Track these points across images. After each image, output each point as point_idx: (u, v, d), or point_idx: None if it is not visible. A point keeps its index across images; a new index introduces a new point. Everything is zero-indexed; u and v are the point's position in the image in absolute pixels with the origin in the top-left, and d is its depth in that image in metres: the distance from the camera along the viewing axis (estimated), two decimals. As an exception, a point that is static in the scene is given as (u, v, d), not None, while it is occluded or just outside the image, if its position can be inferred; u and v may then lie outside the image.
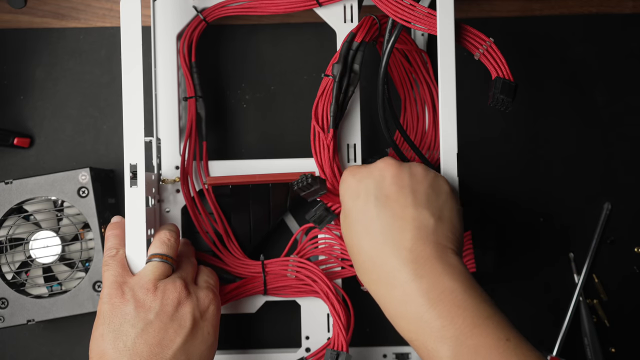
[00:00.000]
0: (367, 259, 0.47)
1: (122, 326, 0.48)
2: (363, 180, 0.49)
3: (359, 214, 0.48)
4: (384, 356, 0.64)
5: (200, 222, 0.60)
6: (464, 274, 0.45)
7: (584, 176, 0.66)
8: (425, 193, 0.48)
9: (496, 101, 0.52)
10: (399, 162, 0.50)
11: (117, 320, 0.48)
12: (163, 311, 0.49)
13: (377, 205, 0.47)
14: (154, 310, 0.48)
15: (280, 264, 0.59)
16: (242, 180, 0.60)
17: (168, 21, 0.61)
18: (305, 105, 0.65)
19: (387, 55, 0.53)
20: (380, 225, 0.47)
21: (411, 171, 0.49)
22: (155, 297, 0.49)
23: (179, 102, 0.61)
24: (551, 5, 0.67)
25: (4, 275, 0.61)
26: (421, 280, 0.44)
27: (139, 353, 0.47)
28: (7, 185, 0.60)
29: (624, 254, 0.66)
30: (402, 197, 0.47)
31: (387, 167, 0.49)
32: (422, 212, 0.47)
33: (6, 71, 0.66)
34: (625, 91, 0.67)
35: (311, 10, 0.61)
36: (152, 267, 0.51)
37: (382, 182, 0.48)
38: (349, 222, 0.49)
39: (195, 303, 0.50)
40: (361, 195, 0.48)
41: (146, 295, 0.49)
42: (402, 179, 0.48)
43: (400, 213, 0.47)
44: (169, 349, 0.48)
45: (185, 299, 0.50)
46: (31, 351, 0.65)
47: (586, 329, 0.65)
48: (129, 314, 0.48)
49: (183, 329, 0.49)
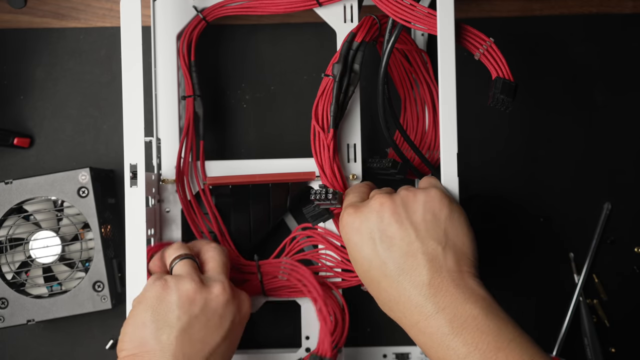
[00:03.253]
0: (390, 297, 0.47)
1: (167, 316, 0.47)
2: (364, 224, 0.48)
3: (370, 259, 0.47)
4: (384, 356, 0.64)
5: (195, 222, 0.60)
6: (485, 297, 0.45)
7: (584, 176, 0.66)
8: (424, 222, 0.47)
9: (496, 101, 0.51)
10: (391, 195, 0.49)
11: (162, 309, 0.48)
12: (209, 307, 0.48)
13: (384, 248, 0.47)
14: (199, 305, 0.48)
15: (274, 265, 0.59)
16: (242, 180, 0.60)
17: (168, 21, 0.61)
18: (305, 105, 0.65)
19: (387, 55, 0.53)
20: (394, 267, 0.46)
21: (404, 201, 0.48)
22: (201, 292, 0.49)
23: (179, 102, 0.61)
24: (551, 5, 0.67)
25: (4, 275, 0.61)
26: (444, 312, 0.44)
27: (181, 349, 0.47)
28: (7, 185, 0.60)
29: (624, 254, 0.66)
30: (404, 234, 0.46)
31: (382, 207, 0.48)
32: (428, 243, 0.46)
33: (6, 71, 0.66)
34: (625, 91, 0.67)
35: (311, 10, 0.61)
36: (181, 265, 0.51)
37: (382, 223, 0.47)
38: (362, 265, 0.48)
39: (239, 305, 0.51)
40: (365, 239, 0.48)
41: (191, 288, 0.48)
42: (399, 214, 0.47)
43: (408, 250, 0.46)
44: (209, 345, 0.48)
45: (231, 298, 0.50)
46: (31, 351, 0.65)
47: (586, 329, 0.65)
48: (174, 304, 0.48)
49: (223, 329, 0.49)
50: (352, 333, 0.65)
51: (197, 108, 0.61)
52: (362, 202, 0.50)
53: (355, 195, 0.52)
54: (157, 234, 0.60)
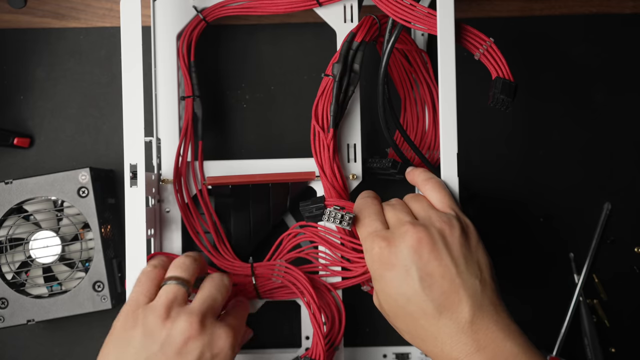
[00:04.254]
0: (427, 335, 0.46)
1: (126, 351, 0.46)
2: (400, 260, 0.45)
3: (408, 297, 0.45)
4: (384, 356, 0.64)
5: (192, 223, 0.60)
6: (521, 333, 0.45)
7: (584, 176, 0.67)
8: (463, 256, 0.46)
9: (496, 101, 0.51)
10: (426, 228, 0.46)
11: (123, 342, 0.46)
12: (169, 343, 0.46)
13: (424, 286, 0.45)
14: (159, 341, 0.46)
15: (268, 267, 0.58)
16: (242, 180, 0.60)
17: (168, 21, 0.61)
18: (305, 105, 0.65)
19: (387, 55, 0.53)
20: (435, 304, 0.45)
21: (441, 235, 0.46)
22: (164, 326, 0.46)
23: (179, 102, 0.61)
24: (551, 5, 0.67)
25: (4, 275, 0.61)
26: (485, 350, 0.44)
27: None
28: (7, 185, 0.60)
29: (624, 254, 0.66)
30: (445, 270, 0.45)
31: (420, 243, 0.45)
32: (468, 278, 0.45)
33: (6, 71, 0.66)
34: (625, 91, 0.67)
35: (311, 10, 0.61)
36: (165, 291, 0.48)
37: (420, 261, 0.45)
38: (396, 300, 0.46)
39: (207, 342, 0.47)
40: (402, 275, 0.45)
41: (156, 323, 0.46)
42: (438, 251, 0.45)
43: (450, 287, 0.45)
44: None
45: (196, 334, 0.46)
46: (31, 351, 0.65)
47: (586, 329, 0.65)
48: (136, 340, 0.46)
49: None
50: (352, 333, 0.65)
51: (196, 108, 0.61)
52: (390, 233, 0.47)
53: (372, 219, 0.49)
54: (157, 234, 0.60)
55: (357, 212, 0.51)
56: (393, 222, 0.48)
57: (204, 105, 0.61)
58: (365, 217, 0.50)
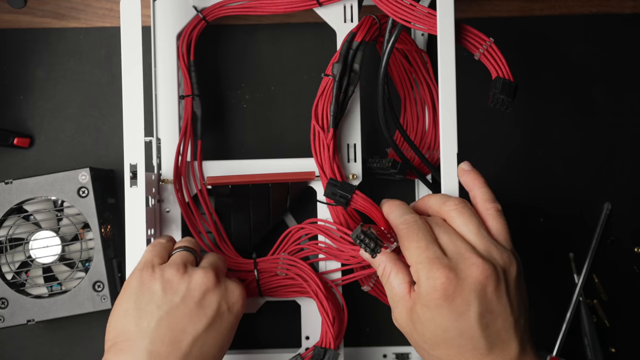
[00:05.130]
0: None
1: (148, 305, 0.47)
2: (461, 293, 0.44)
3: (460, 330, 0.44)
4: (384, 356, 0.64)
5: (193, 223, 0.60)
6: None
7: (584, 176, 0.67)
8: (517, 295, 0.46)
9: (496, 101, 0.51)
10: (493, 266, 0.45)
11: (144, 297, 0.48)
12: (190, 295, 0.48)
13: (481, 323, 0.44)
14: (180, 293, 0.48)
15: (272, 261, 0.59)
16: (242, 180, 0.60)
17: (168, 21, 0.61)
18: (305, 105, 0.65)
19: (387, 55, 0.53)
20: (487, 341, 0.44)
21: (505, 272, 0.45)
22: (182, 279, 0.48)
23: (179, 102, 0.61)
24: (551, 5, 0.67)
25: (4, 275, 0.61)
26: None
27: (160, 336, 0.46)
28: (7, 185, 0.60)
29: (624, 254, 0.66)
30: (502, 309, 0.45)
31: (487, 280, 0.44)
32: (518, 317, 0.45)
33: (6, 71, 0.66)
34: (625, 91, 0.67)
35: (311, 10, 0.61)
36: (177, 254, 0.51)
37: (485, 298, 0.44)
38: (445, 332, 0.45)
39: (224, 293, 0.49)
40: (460, 308, 0.44)
41: (174, 276, 0.48)
42: (501, 290, 0.45)
43: (504, 325, 0.44)
44: (190, 335, 0.47)
45: (213, 287, 0.49)
46: (31, 351, 0.65)
47: (586, 329, 0.65)
48: (156, 294, 0.47)
49: (206, 317, 0.48)
50: (352, 333, 0.65)
51: (195, 108, 0.61)
52: (454, 263, 0.45)
53: (429, 241, 0.46)
54: (157, 234, 0.60)
55: (407, 230, 0.47)
56: (451, 249, 0.46)
57: (203, 105, 0.61)
58: (421, 238, 0.46)
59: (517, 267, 0.46)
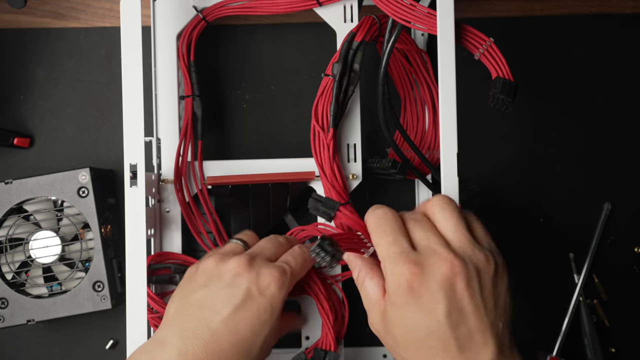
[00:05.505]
0: None
1: (185, 289, 0.50)
2: (427, 290, 0.42)
3: (429, 330, 0.42)
4: (384, 356, 0.64)
5: (193, 223, 0.60)
6: None
7: (584, 176, 0.66)
8: (493, 296, 0.43)
9: (496, 101, 0.51)
10: (464, 263, 0.43)
11: (187, 285, 0.51)
12: (219, 279, 0.49)
13: (451, 322, 0.42)
14: (210, 276, 0.50)
15: None
16: (242, 180, 0.60)
17: (168, 21, 0.61)
18: (305, 105, 0.65)
19: (387, 55, 0.53)
20: (458, 343, 0.42)
21: (477, 270, 0.43)
22: (217, 266, 0.50)
23: (179, 102, 0.61)
24: (551, 5, 0.67)
25: (4, 275, 0.61)
26: None
27: (191, 313, 0.48)
28: (7, 185, 0.60)
29: (624, 254, 0.66)
30: (475, 309, 0.42)
31: (455, 277, 0.42)
32: (495, 320, 0.43)
33: (6, 71, 0.66)
34: (625, 91, 0.67)
35: (311, 10, 0.61)
36: (228, 245, 0.54)
37: (454, 295, 0.42)
38: (414, 332, 0.43)
39: (254, 278, 0.49)
40: (427, 306, 0.42)
41: (210, 264, 0.51)
42: (473, 288, 0.43)
43: (477, 327, 0.42)
44: (219, 314, 0.48)
45: (244, 271, 0.49)
46: (31, 351, 0.65)
47: (586, 329, 0.65)
48: (194, 279, 0.51)
49: (234, 299, 0.48)
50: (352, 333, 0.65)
51: (195, 108, 0.61)
52: (422, 257, 0.43)
53: (398, 235, 0.45)
54: (157, 234, 0.60)
55: (375, 225, 0.46)
56: (423, 244, 0.44)
57: (203, 105, 0.61)
58: (389, 233, 0.45)
59: (496, 267, 0.44)
